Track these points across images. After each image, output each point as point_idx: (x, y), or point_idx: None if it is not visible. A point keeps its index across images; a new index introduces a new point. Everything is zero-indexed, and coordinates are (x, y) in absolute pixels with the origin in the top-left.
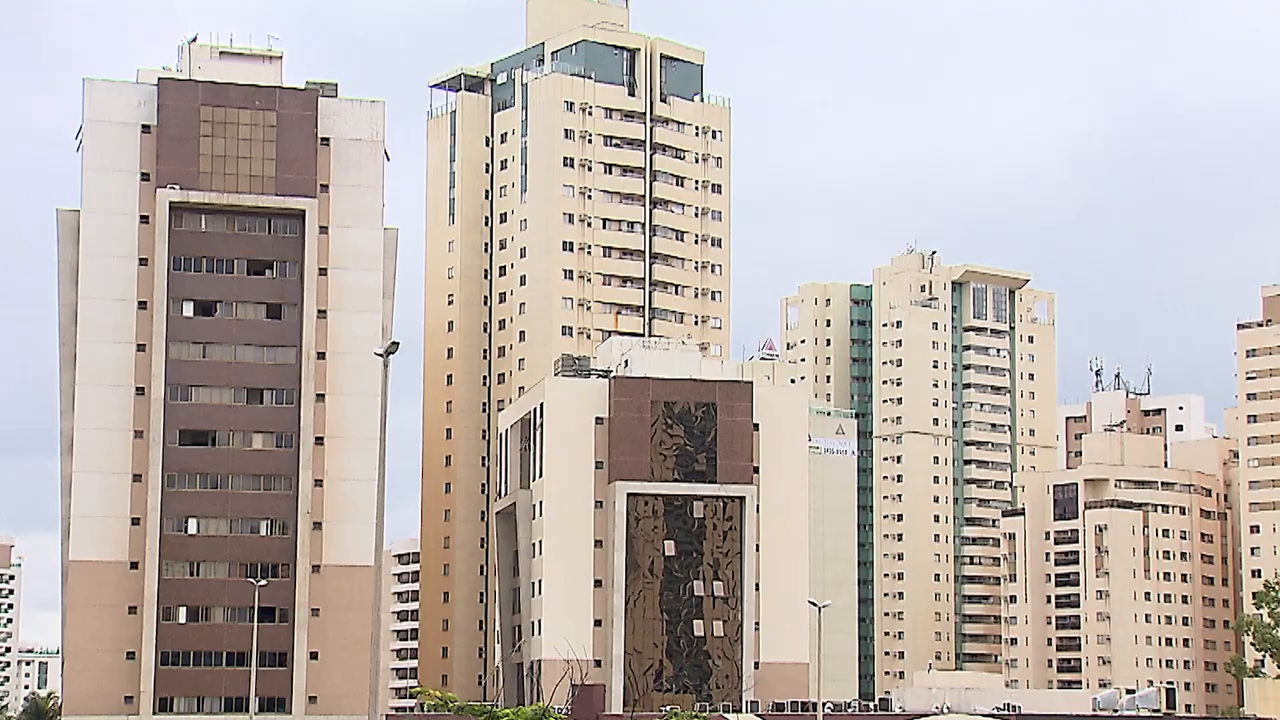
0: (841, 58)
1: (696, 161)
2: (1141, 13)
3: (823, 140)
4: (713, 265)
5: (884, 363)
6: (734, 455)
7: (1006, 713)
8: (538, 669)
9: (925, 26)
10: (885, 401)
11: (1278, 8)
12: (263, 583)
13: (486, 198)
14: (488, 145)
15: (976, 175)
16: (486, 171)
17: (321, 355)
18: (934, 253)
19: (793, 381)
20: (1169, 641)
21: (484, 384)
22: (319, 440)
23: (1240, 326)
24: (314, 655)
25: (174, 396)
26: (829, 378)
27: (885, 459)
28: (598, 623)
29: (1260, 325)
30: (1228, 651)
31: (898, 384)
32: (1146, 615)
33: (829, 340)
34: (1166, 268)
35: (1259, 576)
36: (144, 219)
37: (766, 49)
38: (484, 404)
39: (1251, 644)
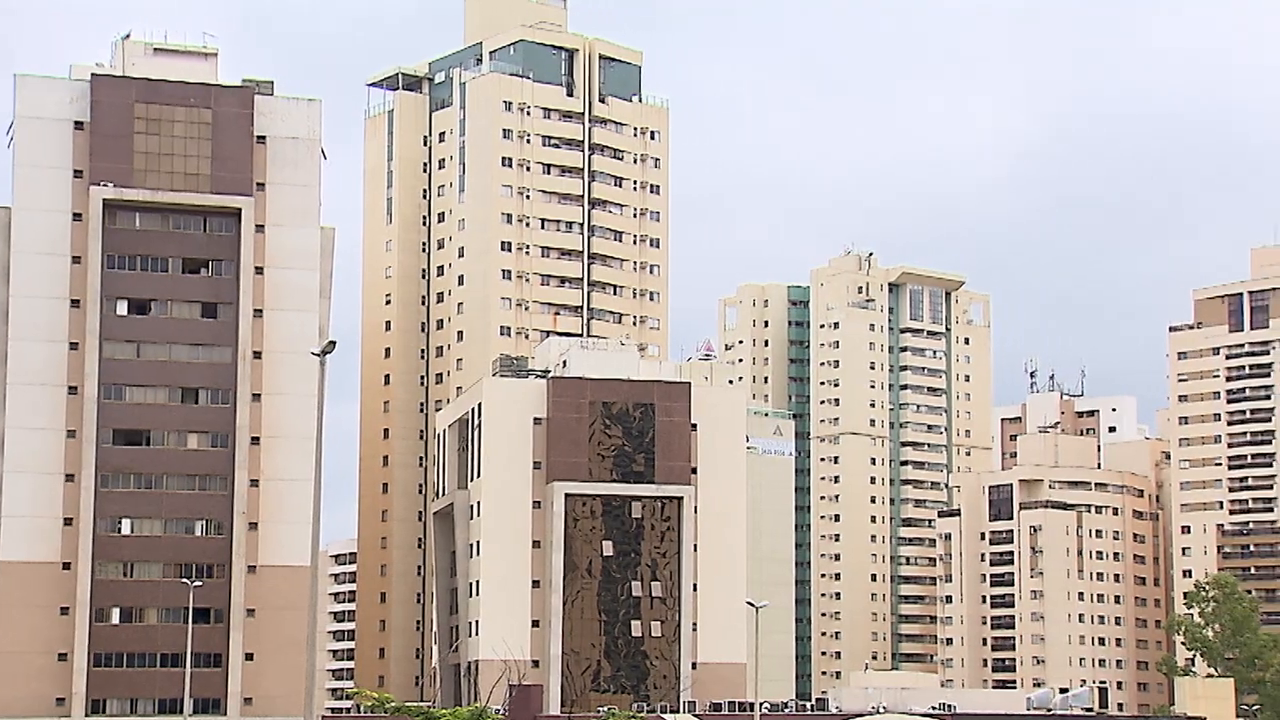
0: (781, 59)
1: (635, 162)
2: (1083, 20)
3: (762, 141)
4: (651, 266)
5: (821, 364)
6: (672, 456)
7: (942, 712)
8: (475, 669)
9: (865, 29)
10: (822, 402)
11: (1215, 17)
12: (198, 583)
13: (424, 197)
14: (425, 145)
15: (916, 177)
16: (424, 171)
17: (258, 355)
18: (871, 254)
19: (730, 382)
20: (1102, 641)
21: (422, 384)
22: (255, 440)
23: (1172, 329)
24: (249, 656)
25: (107, 396)
26: (767, 378)
27: (822, 460)
28: (535, 623)
29: (1191, 328)
30: (1159, 651)
31: (835, 385)
32: (1080, 615)
33: (767, 341)
34: (1101, 270)
35: (1189, 577)
36: (77, 216)
37: (706, 50)
38: (422, 404)
39: (1182, 643)
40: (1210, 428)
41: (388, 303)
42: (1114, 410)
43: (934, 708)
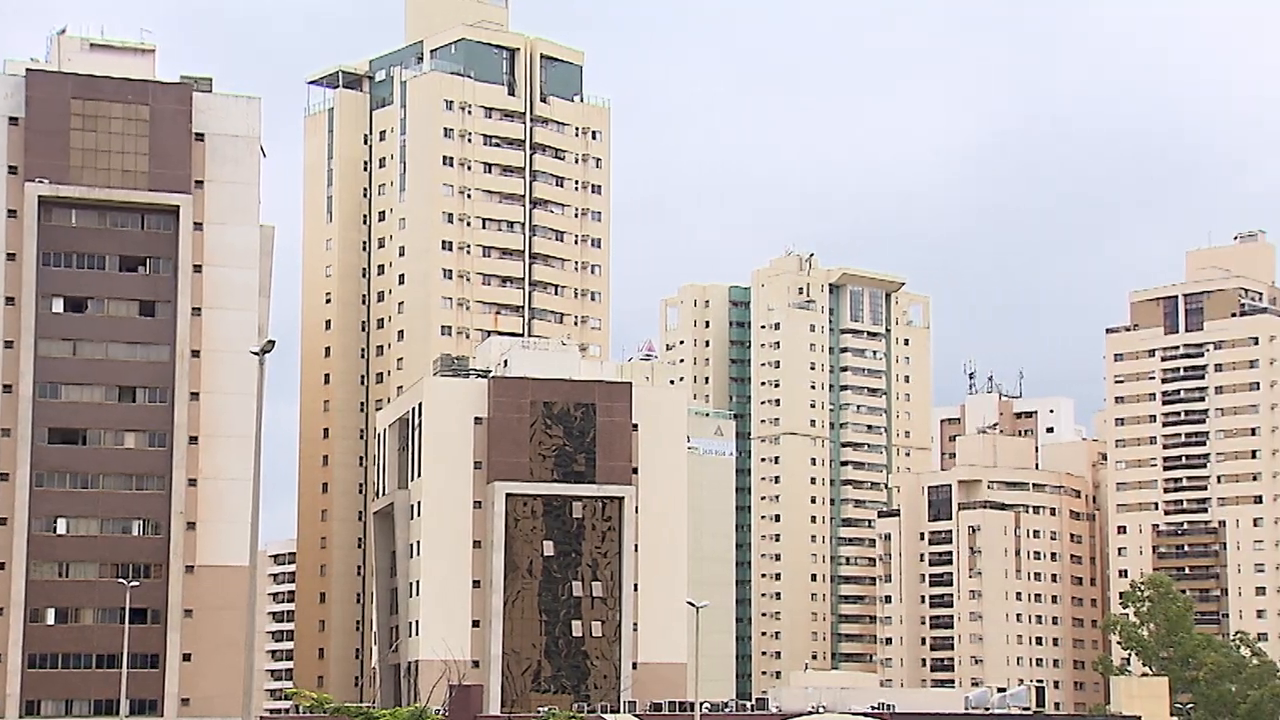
0: (725, 58)
1: (576, 162)
2: (1028, 21)
3: (705, 142)
4: (592, 266)
5: (762, 364)
6: (613, 456)
7: (881, 712)
8: (415, 670)
9: (809, 31)
10: (763, 403)
11: (1155, 21)
12: (134, 583)
13: (365, 196)
14: (366, 143)
15: (857, 178)
16: (365, 169)
17: (196, 353)
18: (811, 255)
19: (672, 382)
20: (1039, 641)
21: (362, 383)
22: (193, 439)
23: (1109, 331)
24: (187, 657)
25: (43, 394)
26: (708, 379)
27: (763, 460)
28: (475, 623)
29: (1128, 330)
30: (1095, 650)
31: (775, 385)
32: (1018, 615)
33: (708, 342)
34: (1040, 272)
35: (1125, 576)
36: (12, 213)
37: (649, 49)
38: (362, 403)
39: (1118, 643)
40: (1146, 429)
41: (328, 301)
42: (1052, 411)
43: (873, 707)
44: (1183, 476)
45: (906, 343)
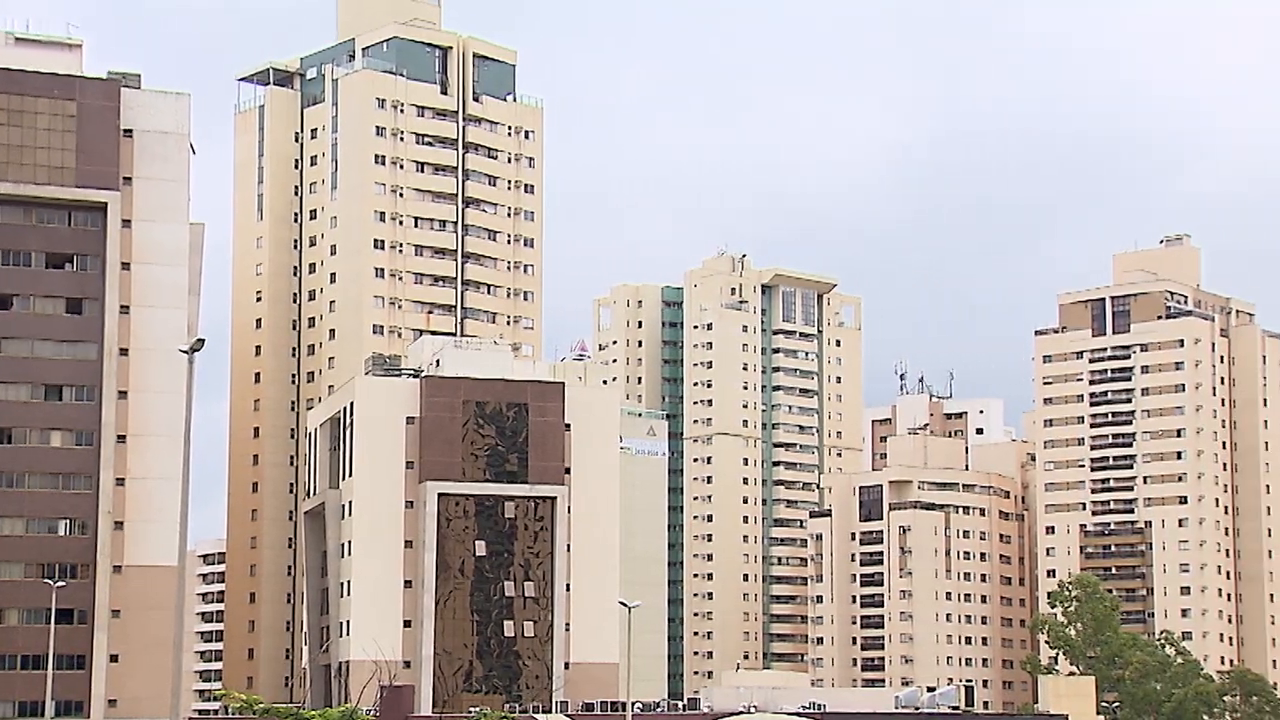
0: (659, 59)
1: (509, 161)
2: (961, 23)
3: (638, 141)
4: (525, 265)
5: (694, 364)
6: (545, 456)
7: (812, 711)
8: (346, 670)
9: (743, 32)
10: (696, 403)
11: (1089, 22)
12: (61, 584)
13: (296, 194)
14: (297, 141)
15: (792, 179)
16: (296, 167)
17: (124, 352)
18: (744, 256)
19: (605, 382)
20: (969, 640)
21: (293, 382)
22: (121, 439)
23: (1038, 333)
24: (114, 658)
25: None
26: (640, 379)
27: (695, 460)
28: (407, 623)
29: (1056, 332)
30: (1024, 650)
31: (708, 386)
32: (947, 615)
33: (640, 342)
34: (971, 273)
35: (1053, 576)
36: None
37: (583, 50)
38: (293, 402)
39: (1046, 642)
40: (1074, 430)
41: (258, 300)
42: (981, 412)
43: (804, 707)
44: (1110, 477)
45: (838, 344)
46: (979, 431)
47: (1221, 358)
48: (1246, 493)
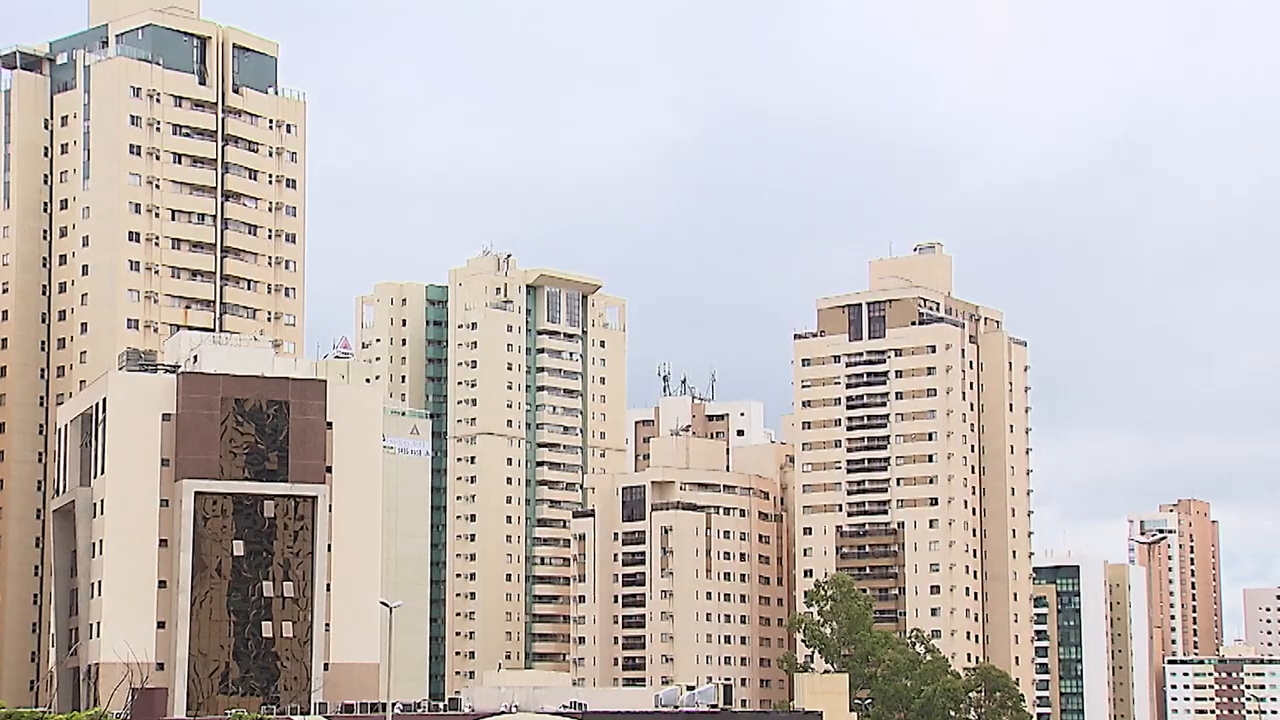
0: (427, 54)
1: (270, 155)
2: (730, 28)
3: (405, 137)
4: (286, 261)
5: (459, 364)
6: (306, 454)
7: (573, 710)
8: (95, 673)
9: (514, 26)
10: (460, 402)
11: (854, 32)
12: None
13: (46, 183)
14: (47, 128)
15: (558, 179)
16: (46, 155)
17: None
18: (509, 256)
19: (368, 381)
20: (728, 639)
21: (42, 377)
22: None
23: (797, 336)
24: None
25: None
26: (404, 378)
27: (459, 459)
28: (161, 624)
29: (815, 336)
30: (782, 648)
31: (472, 385)
32: (708, 614)
33: (405, 340)
34: (735, 277)
35: (810, 576)
36: None
37: (348, 46)
38: (42, 397)
39: (803, 641)
40: (831, 433)
41: (5, 291)
42: (742, 414)
43: (565, 706)
44: (865, 479)
45: (602, 345)
46: (740, 433)
47: (971, 363)
48: (993, 494)
